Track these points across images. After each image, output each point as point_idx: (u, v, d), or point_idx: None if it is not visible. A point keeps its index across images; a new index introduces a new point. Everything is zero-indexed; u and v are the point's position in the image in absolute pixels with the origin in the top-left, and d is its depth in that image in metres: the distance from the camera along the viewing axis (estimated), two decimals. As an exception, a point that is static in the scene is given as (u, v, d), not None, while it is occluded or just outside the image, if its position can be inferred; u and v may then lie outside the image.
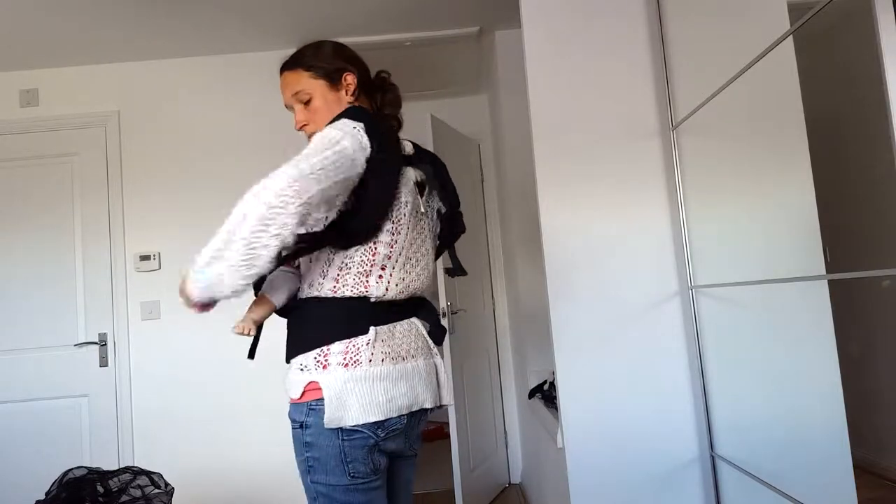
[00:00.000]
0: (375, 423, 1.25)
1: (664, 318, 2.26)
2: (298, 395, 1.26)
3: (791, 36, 1.59)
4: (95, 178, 3.33)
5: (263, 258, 1.09)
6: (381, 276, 1.30)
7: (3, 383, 3.20)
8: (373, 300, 1.30)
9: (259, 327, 1.37)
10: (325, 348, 1.25)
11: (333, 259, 1.29)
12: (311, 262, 1.31)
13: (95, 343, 3.24)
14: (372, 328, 1.28)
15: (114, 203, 3.32)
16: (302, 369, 1.26)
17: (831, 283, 1.65)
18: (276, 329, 1.42)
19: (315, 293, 1.30)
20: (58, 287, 3.26)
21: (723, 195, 2.16)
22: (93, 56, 3.30)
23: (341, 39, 3.16)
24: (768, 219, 1.93)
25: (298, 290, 1.37)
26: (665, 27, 2.32)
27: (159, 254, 3.28)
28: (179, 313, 3.26)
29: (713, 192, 2.19)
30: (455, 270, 1.54)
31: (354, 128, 1.24)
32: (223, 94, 3.40)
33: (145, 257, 3.27)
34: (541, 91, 2.35)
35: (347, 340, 1.26)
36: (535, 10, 2.38)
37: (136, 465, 2.77)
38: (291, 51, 1.52)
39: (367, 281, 1.29)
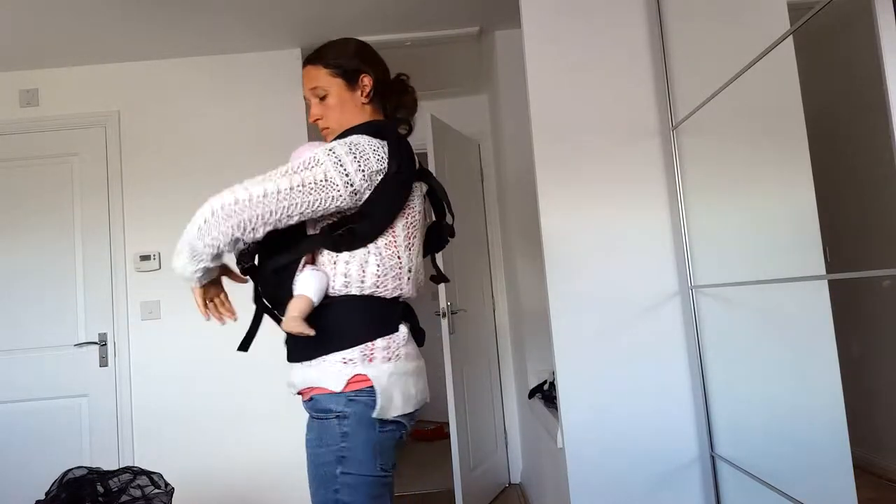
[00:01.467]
0: (409, 414, 1.35)
1: (664, 318, 2.26)
2: (341, 387, 1.28)
3: (791, 36, 1.59)
4: (95, 178, 3.33)
5: (206, 257, 1.27)
6: (409, 279, 1.39)
7: (3, 383, 3.20)
8: (401, 301, 1.39)
9: (257, 321, 1.41)
10: (370, 344, 1.31)
11: (368, 259, 1.33)
12: (346, 262, 1.32)
13: (95, 343, 3.24)
14: (402, 326, 1.36)
15: (114, 203, 3.31)
16: (346, 362, 1.29)
17: (831, 283, 1.65)
18: (273, 330, 1.43)
19: (355, 291, 1.33)
20: (58, 287, 3.26)
21: (723, 195, 2.16)
22: (93, 56, 3.30)
23: (341, 39, 3.12)
24: (768, 219, 1.93)
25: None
26: (665, 27, 2.32)
27: (159, 254, 3.28)
28: (179, 313, 3.26)
29: (713, 192, 2.19)
30: (440, 278, 1.60)
31: (374, 149, 1.30)
32: (223, 94, 3.40)
33: (145, 257, 3.27)
34: (541, 91, 2.35)
35: (388, 337, 1.33)
36: (535, 10, 2.38)
37: (136, 465, 2.77)
38: (292, 50, 1.53)
39: (401, 283, 1.37)
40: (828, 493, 1.73)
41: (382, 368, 1.30)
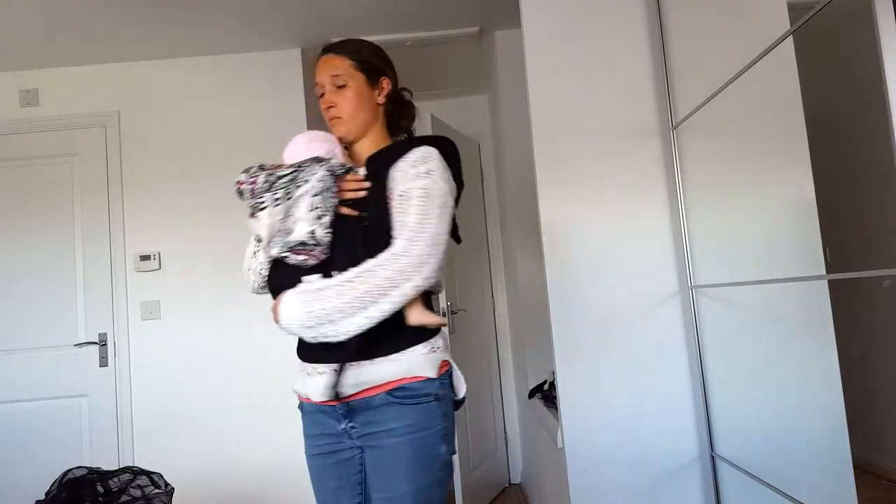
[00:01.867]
0: None
1: (664, 319, 2.26)
2: (436, 372, 1.36)
3: (791, 36, 1.59)
4: (95, 178, 3.33)
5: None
6: None
7: (3, 383, 3.19)
8: None
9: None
10: (441, 332, 1.43)
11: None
12: None
13: (95, 343, 3.24)
14: None
15: (114, 203, 3.31)
16: (434, 350, 1.38)
17: (831, 283, 1.65)
18: (276, 329, 1.43)
19: (426, 286, 1.40)
20: (58, 287, 3.26)
21: (723, 195, 2.16)
22: (93, 56, 3.30)
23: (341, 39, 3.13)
24: (768, 219, 1.93)
25: None
26: (665, 27, 2.32)
27: (159, 254, 3.28)
28: (179, 313, 3.26)
29: (713, 192, 2.19)
30: None
31: (441, 160, 1.41)
32: (223, 93, 3.40)
33: (145, 257, 3.27)
34: (541, 91, 2.35)
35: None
36: (535, 10, 2.38)
37: (136, 465, 2.77)
38: (292, 51, 1.53)
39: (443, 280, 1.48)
40: (828, 493, 1.73)
41: (448, 353, 1.43)
